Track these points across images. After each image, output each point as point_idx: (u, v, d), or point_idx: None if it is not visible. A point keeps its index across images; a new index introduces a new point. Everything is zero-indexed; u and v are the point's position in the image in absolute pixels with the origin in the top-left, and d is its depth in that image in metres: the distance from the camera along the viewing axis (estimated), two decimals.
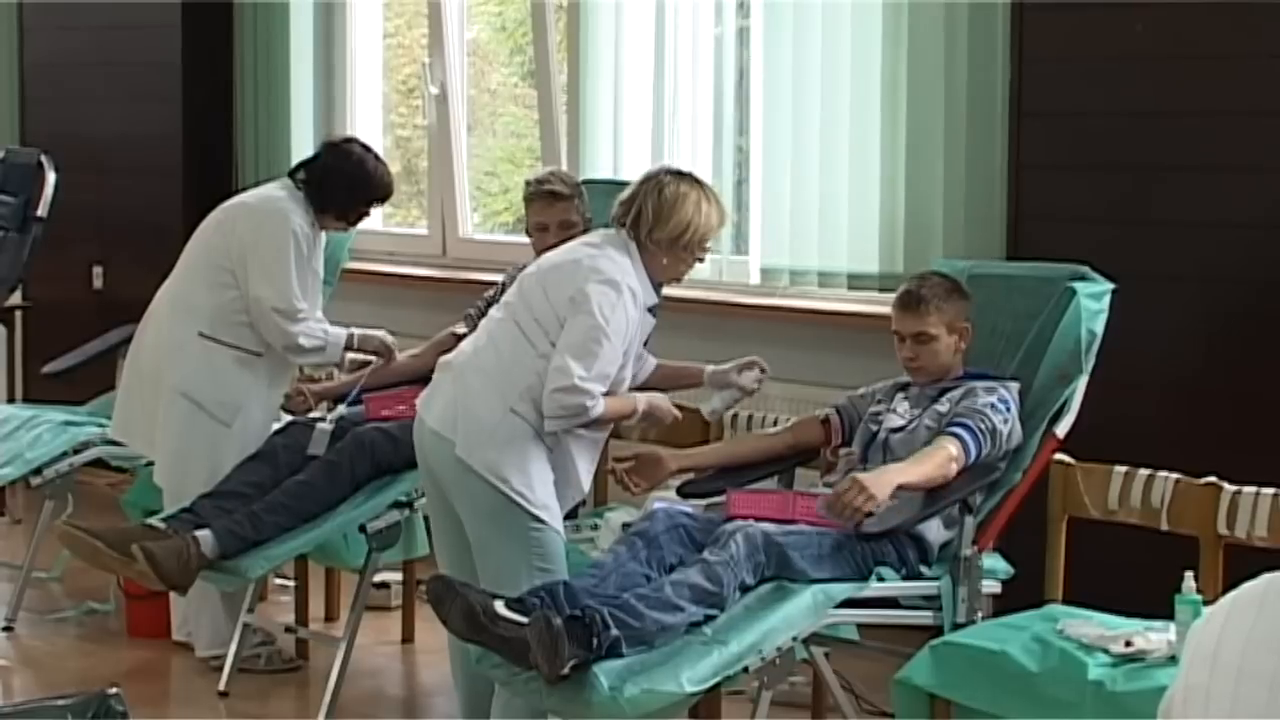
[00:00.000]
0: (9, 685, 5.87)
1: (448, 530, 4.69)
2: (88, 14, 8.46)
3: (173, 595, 5.82)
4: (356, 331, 5.75)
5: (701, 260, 4.82)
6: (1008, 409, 4.56)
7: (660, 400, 4.76)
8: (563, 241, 5.07)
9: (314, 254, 5.70)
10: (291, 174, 5.81)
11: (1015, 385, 4.65)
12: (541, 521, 4.51)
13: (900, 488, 4.39)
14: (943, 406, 4.62)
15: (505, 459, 4.49)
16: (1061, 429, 4.62)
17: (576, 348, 4.48)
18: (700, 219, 4.67)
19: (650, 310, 4.70)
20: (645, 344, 4.83)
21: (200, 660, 5.81)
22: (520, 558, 4.49)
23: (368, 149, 5.86)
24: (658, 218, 4.64)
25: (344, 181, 5.71)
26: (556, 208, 5.47)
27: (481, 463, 4.49)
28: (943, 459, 4.44)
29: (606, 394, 4.53)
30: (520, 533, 4.50)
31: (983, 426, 4.49)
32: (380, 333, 5.82)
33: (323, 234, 5.76)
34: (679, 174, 4.76)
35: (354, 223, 5.85)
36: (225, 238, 5.71)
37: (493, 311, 4.80)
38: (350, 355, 5.78)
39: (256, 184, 6.40)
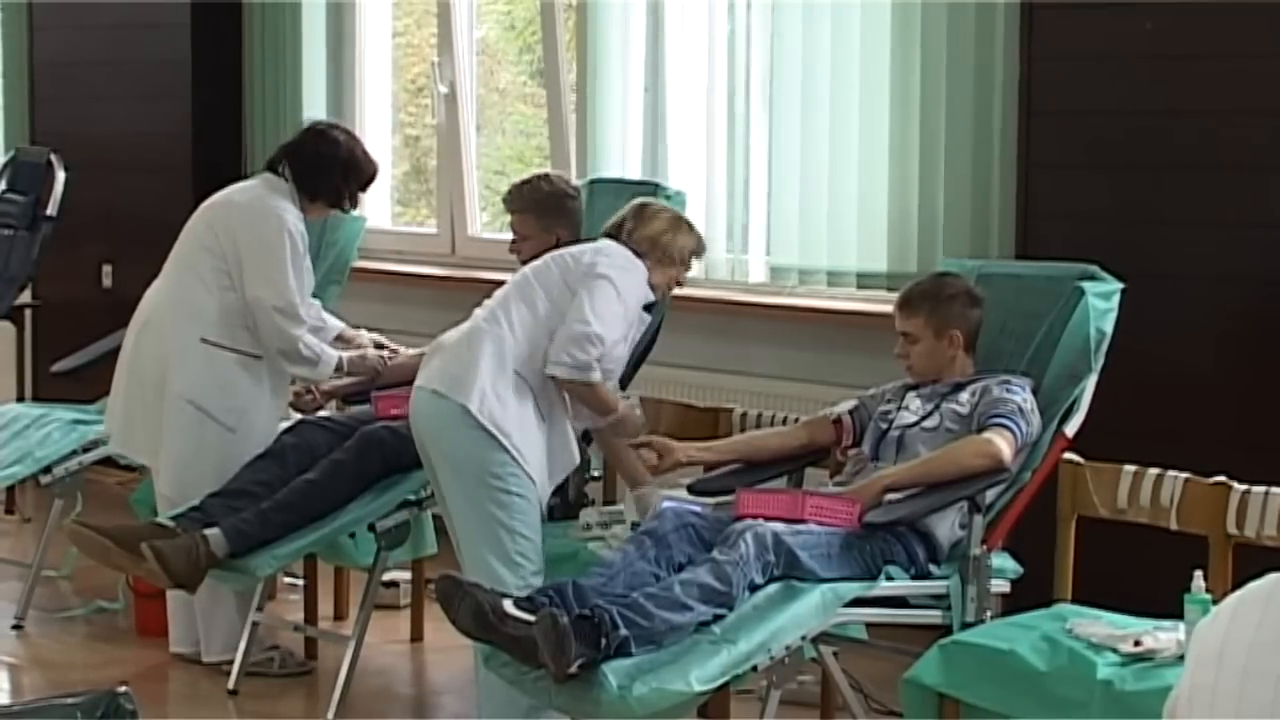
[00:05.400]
0: (19, 683, 5.89)
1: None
2: (97, 13, 8.47)
3: (170, 608, 5.83)
4: (346, 355, 5.72)
5: (681, 284, 5.06)
6: (1023, 390, 4.61)
7: (634, 415, 4.94)
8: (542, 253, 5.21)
9: (306, 251, 5.66)
10: (272, 164, 5.74)
11: (1027, 380, 4.66)
12: (531, 483, 4.65)
13: (888, 489, 4.47)
14: (962, 407, 4.62)
15: (508, 415, 4.65)
16: (1071, 428, 4.63)
17: (595, 306, 4.71)
18: (675, 233, 4.94)
19: (646, 308, 4.85)
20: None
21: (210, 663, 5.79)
22: (502, 522, 4.61)
23: (351, 134, 5.89)
24: (638, 220, 4.94)
25: (337, 167, 5.69)
26: (517, 218, 5.61)
27: (488, 415, 4.63)
28: (968, 451, 4.46)
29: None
30: (505, 494, 4.62)
31: (1011, 409, 4.53)
32: (372, 356, 5.78)
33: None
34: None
35: (343, 208, 5.81)
36: (218, 239, 5.64)
37: (497, 294, 4.92)
38: (349, 354, 5.73)
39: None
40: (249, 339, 5.62)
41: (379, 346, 5.88)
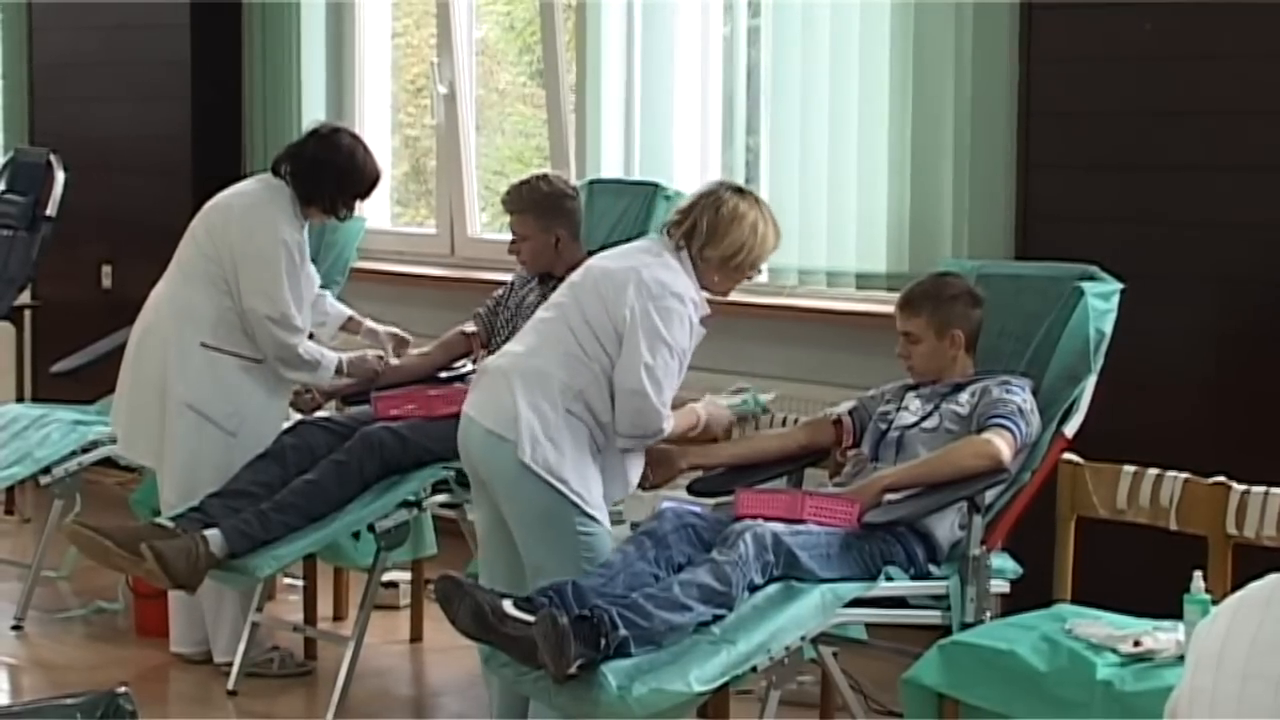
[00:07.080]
0: (18, 684, 5.89)
1: (501, 542, 4.63)
2: (97, 14, 8.47)
3: (171, 608, 5.83)
4: (345, 357, 5.70)
5: (750, 279, 4.84)
6: (1023, 390, 4.60)
7: (717, 410, 4.84)
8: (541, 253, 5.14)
9: (305, 259, 5.64)
10: (275, 166, 5.70)
11: (1027, 381, 4.66)
12: (595, 521, 4.51)
13: (888, 489, 4.47)
14: (961, 408, 4.62)
15: (564, 460, 4.48)
16: (1070, 429, 4.63)
17: (650, 368, 4.48)
18: (755, 240, 4.68)
19: (700, 321, 4.68)
20: None
21: (214, 663, 5.78)
22: (571, 562, 4.46)
23: (356, 139, 5.78)
24: (712, 234, 4.65)
25: (333, 174, 5.63)
26: (516, 219, 5.58)
27: (542, 463, 4.46)
28: (968, 452, 4.46)
29: None
30: (572, 535, 4.48)
31: (1010, 410, 4.53)
32: (372, 356, 5.77)
33: (305, 235, 5.71)
34: (739, 191, 4.77)
35: (340, 216, 5.74)
36: (216, 245, 5.62)
37: (541, 312, 4.76)
38: (348, 356, 5.73)
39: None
40: (248, 343, 5.60)
41: (400, 342, 5.87)
